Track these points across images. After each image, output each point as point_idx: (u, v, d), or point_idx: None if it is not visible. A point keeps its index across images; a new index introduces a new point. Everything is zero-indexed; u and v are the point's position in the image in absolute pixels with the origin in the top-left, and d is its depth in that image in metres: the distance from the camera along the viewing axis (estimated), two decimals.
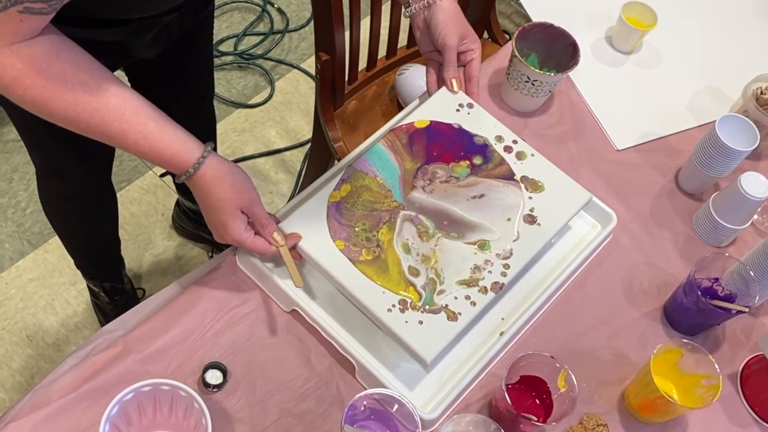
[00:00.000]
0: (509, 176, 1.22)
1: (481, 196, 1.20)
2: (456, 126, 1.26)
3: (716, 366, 1.10)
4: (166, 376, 1.10)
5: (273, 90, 2.54)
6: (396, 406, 1.05)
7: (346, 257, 1.12)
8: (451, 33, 1.26)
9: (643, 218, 1.36)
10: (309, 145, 2.29)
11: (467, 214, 1.18)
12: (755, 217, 1.37)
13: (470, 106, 1.29)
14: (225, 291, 1.18)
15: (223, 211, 1.08)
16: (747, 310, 1.17)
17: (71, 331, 2.03)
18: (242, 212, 1.09)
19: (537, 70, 1.35)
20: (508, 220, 1.18)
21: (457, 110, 1.28)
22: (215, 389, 1.10)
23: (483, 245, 1.15)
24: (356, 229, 1.14)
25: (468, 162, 1.23)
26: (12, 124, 1.45)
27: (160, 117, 1.03)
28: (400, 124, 1.26)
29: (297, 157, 2.42)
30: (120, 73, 1.49)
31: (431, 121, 1.26)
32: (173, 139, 1.04)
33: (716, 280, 1.22)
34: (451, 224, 1.17)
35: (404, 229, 1.15)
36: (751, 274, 1.18)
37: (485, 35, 2.01)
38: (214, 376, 1.10)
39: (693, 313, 1.19)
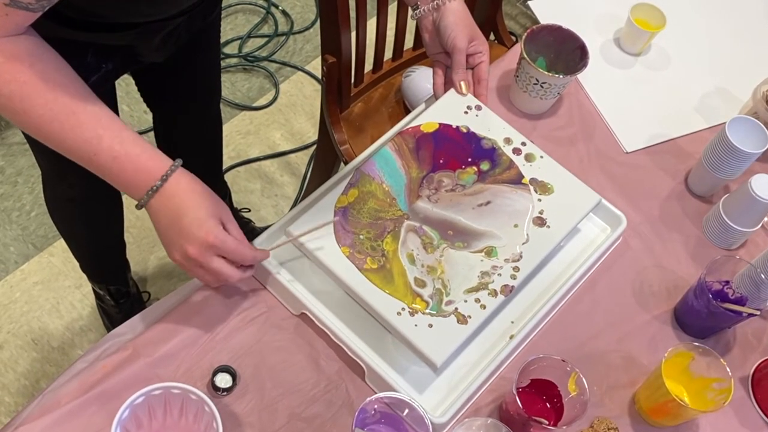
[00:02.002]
0: (517, 180, 1.21)
1: (488, 203, 1.19)
2: (464, 130, 1.25)
3: (728, 369, 1.09)
4: (176, 379, 1.09)
5: (278, 92, 2.54)
6: (407, 410, 1.04)
7: (352, 264, 1.11)
8: (461, 35, 1.26)
9: (652, 221, 1.35)
10: (314, 148, 2.29)
11: (472, 222, 1.17)
12: (766, 219, 1.36)
13: (478, 108, 1.28)
14: (234, 294, 1.17)
15: (202, 208, 1.02)
16: (758, 313, 1.16)
17: (76, 335, 2.02)
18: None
19: (545, 73, 1.34)
20: (515, 226, 1.17)
21: (465, 112, 1.28)
22: (224, 393, 1.09)
23: (490, 252, 1.15)
24: (361, 236, 1.13)
25: (475, 168, 1.22)
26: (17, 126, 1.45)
27: (131, 129, 1.03)
28: (408, 126, 1.25)
29: (302, 159, 2.42)
30: (127, 77, 1.49)
31: (440, 124, 1.25)
32: (146, 147, 1.02)
33: (727, 282, 1.22)
34: (456, 234, 1.16)
35: (408, 240, 1.15)
36: (762, 276, 1.17)
37: (491, 37, 2.01)
38: (223, 380, 1.09)
39: (704, 316, 1.19)
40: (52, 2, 0.92)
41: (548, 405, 1.13)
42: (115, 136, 1.00)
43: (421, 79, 1.78)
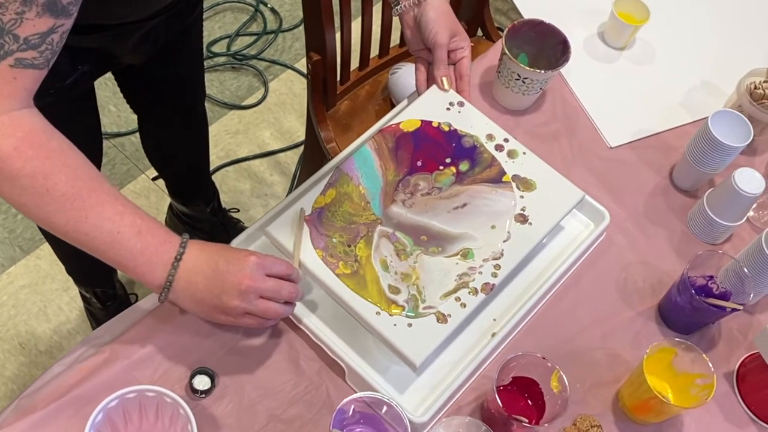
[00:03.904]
0: (498, 179, 1.20)
1: (464, 205, 1.17)
2: (445, 128, 1.24)
3: (710, 365, 1.08)
4: (153, 382, 1.08)
5: (267, 91, 2.53)
6: (385, 408, 1.03)
7: (326, 266, 1.10)
8: (442, 30, 1.25)
9: (637, 216, 1.34)
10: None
11: (447, 226, 1.16)
12: (751, 213, 1.35)
13: (461, 104, 1.27)
14: None
15: (227, 248, 1.02)
16: (741, 307, 1.15)
17: (64, 338, 2.01)
18: None
19: (527, 68, 1.33)
20: (493, 227, 1.16)
21: (448, 109, 1.26)
22: (203, 395, 1.08)
23: (466, 254, 1.13)
24: (333, 240, 1.12)
25: (454, 169, 1.20)
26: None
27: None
28: (390, 124, 1.24)
29: (292, 158, 2.41)
30: (108, 77, 1.48)
31: (422, 122, 1.24)
32: (157, 221, 1.00)
33: (711, 277, 1.21)
34: (430, 239, 1.14)
35: (382, 246, 1.13)
36: (746, 270, 1.16)
37: (479, 33, 1.99)
38: (201, 382, 1.08)
39: (687, 312, 1.18)
40: (55, 54, 0.90)
41: (530, 403, 1.12)
42: (134, 211, 0.98)
43: (407, 75, 1.77)
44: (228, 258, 1.01)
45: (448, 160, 1.21)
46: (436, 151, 1.22)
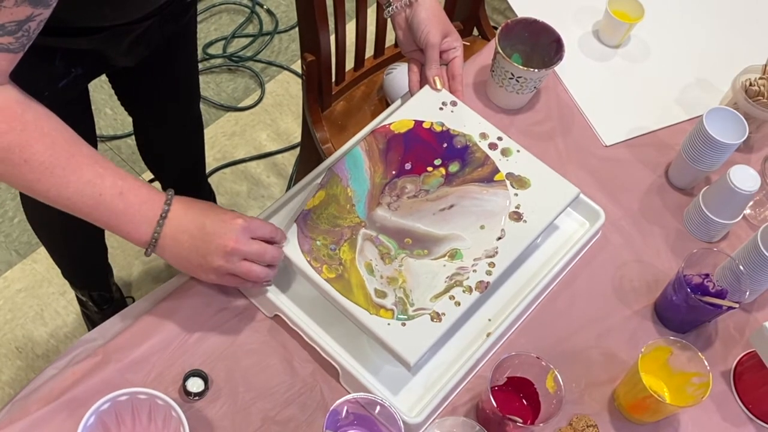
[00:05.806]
0: (490, 178, 1.19)
1: (451, 206, 1.16)
2: (437, 129, 1.23)
3: (706, 363, 1.08)
4: (147, 384, 1.08)
5: (263, 92, 2.52)
6: (378, 409, 1.02)
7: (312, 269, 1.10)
8: (434, 31, 1.25)
9: (632, 214, 1.34)
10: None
11: (432, 228, 1.15)
12: (747, 211, 1.34)
13: (453, 104, 1.27)
14: (206, 297, 1.16)
15: (215, 208, 1.04)
16: (737, 306, 1.14)
17: (61, 342, 2.01)
18: None
19: (520, 67, 1.33)
20: (482, 227, 1.15)
21: (441, 108, 1.26)
22: (196, 397, 1.08)
23: (453, 255, 1.12)
24: (317, 243, 1.11)
25: (443, 170, 1.20)
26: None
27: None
28: (382, 124, 1.24)
29: (289, 160, 2.40)
30: (104, 79, 1.48)
31: (414, 122, 1.23)
32: (142, 180, 1.01)
33: (707, 276, 1.20)
34: (415, 242, 1.13)
35: (366, 249, 1.12)
36: (742, 268, 1.15)
37: (475, 32, 1.99)
38: (195, 384, 1.08)
39: (683, 311, 1.17)
40: (31, 39, 0.90)
41: (525, 403, 1.12)
42: (115, 172, 0.99)
43: (403, 76, 1.76)
44: (215, 219, 1.03)
45: (437, 162, 1.20)
46: (425, 153, 1.21)
